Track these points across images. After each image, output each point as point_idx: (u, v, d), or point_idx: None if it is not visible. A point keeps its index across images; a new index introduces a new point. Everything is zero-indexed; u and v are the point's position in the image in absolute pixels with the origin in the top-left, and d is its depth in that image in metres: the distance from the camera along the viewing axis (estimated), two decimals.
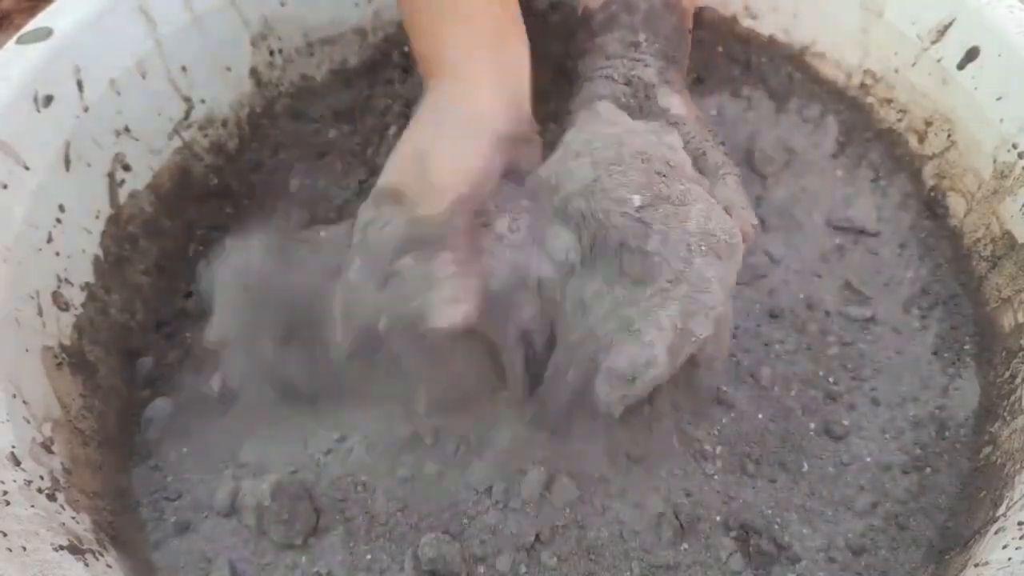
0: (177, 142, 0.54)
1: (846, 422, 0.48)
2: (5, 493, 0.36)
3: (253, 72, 0.58)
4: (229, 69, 0.56)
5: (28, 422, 0.40)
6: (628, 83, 0.47)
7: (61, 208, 0.46)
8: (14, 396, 0.40)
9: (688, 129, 0.46)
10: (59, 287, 0.46)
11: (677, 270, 0.38)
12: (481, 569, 0.42)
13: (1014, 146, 0.47)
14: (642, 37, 0.48)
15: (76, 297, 0.47)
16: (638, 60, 0.48)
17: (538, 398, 0.43)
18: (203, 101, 0.55)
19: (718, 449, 0.46)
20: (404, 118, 0.62)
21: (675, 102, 0.47)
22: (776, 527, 0.44)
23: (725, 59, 0.62)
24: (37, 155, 0.45)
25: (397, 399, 0.45)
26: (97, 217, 0.49)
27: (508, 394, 0.44)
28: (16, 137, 0.44)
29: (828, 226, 0.57)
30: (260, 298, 0.43)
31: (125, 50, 0.50)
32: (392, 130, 0.60)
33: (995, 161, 0.48)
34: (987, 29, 0.48)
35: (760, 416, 0.48)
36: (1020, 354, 0.46)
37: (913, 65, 0.53)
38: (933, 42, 0.52)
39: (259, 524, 0.44)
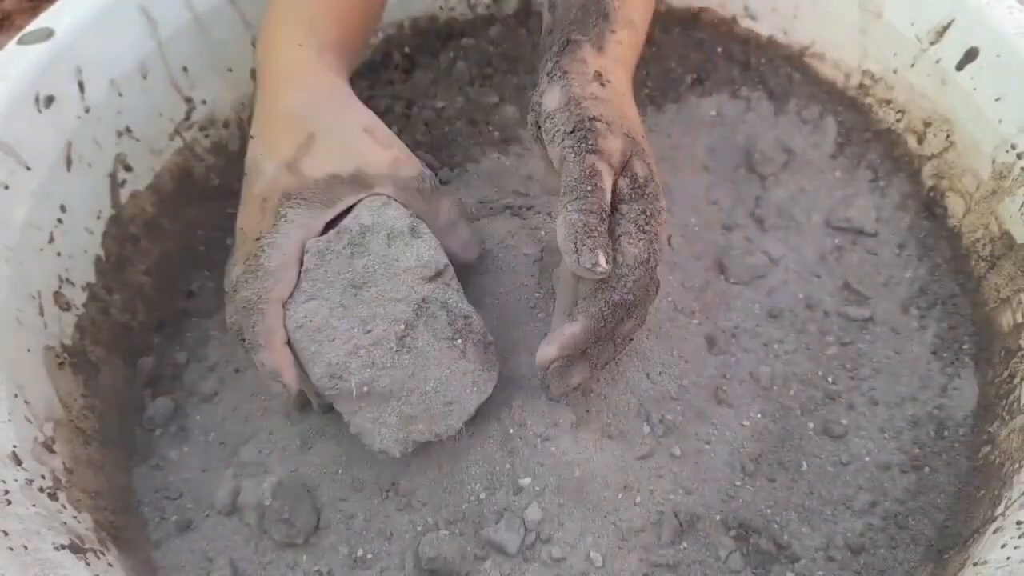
0: (178, 143, 0.55)
1: (845, 421, 0.48)
2: (7, 492, 0.36)
3: (254, 73, 0.58)
4: (230, 70, 0.56)
5: (30, 422, 0.40)
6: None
7: (62, 208, 0.46)
8: (16, 396, 0.40)
9: (552, 125, 0.40)
10: (61, 287, 0.46)
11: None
12: (481, 568, 0.42)
13: (1013, 147, 0.47)
14: (547, 40, 0.45)
15: (78, 297, 0.47)
16: (543, 62, 0.44)
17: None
18: (204, 102, 0.55)
19: (717, 448, 0.46)
20: (405, 118, 0.63)
21: (549, 98, 0.41)
22: (775, 526, 0.44)
23: (724, 60, 0.62)
24: (38, 156, 0.45)
25: None
26: (98, 217, 0.49)
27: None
28: (17, 138, 0.44)
29: (827, 226, 0.57)
30: None
31: (126, 51, 0.50)
32: (393, 130, 0.60)
33: (994, 162, 0.48)
34: (986, 30, 0.49)
35: (759, 415, 0.48)
36: (1019, 354, 0.46)
37: (912, 66, 0.54)
38: (932, 43, 0.52)
39: (260, 523, 0.44)
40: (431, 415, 0.42)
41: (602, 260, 0.37)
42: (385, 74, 0.63)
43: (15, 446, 0.38)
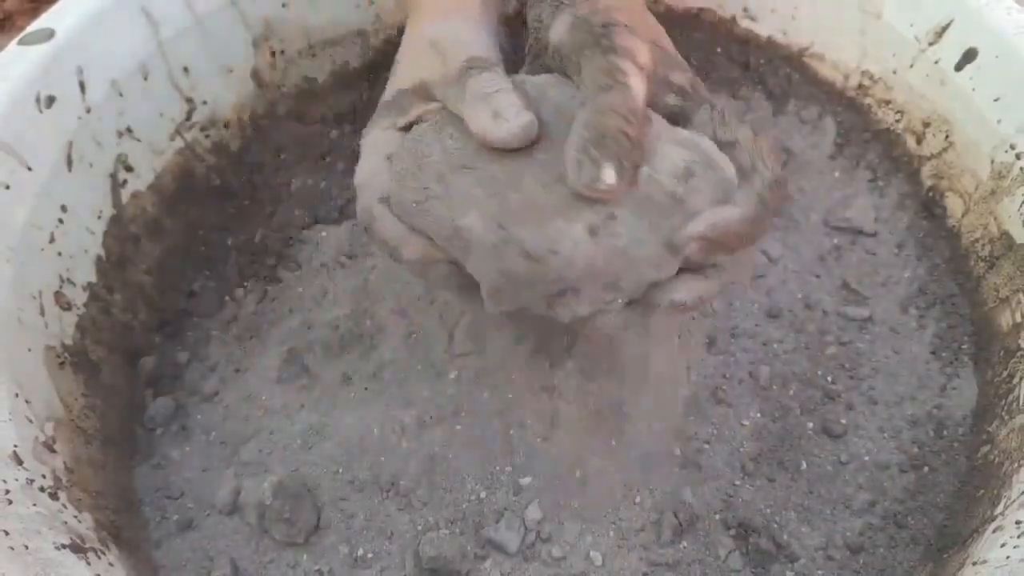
0: (179, 143, 0.55)
1: (844, 421, 0.48)
2: (7, 492, 0.36)
3: (255, 73, 0.58)
4: (231, 70, 0.56)
5: (30, 421, 0.40)
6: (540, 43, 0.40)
7: (63, 208, 0.46)
8: (16, 395, 0.40)
9: (563, 52, 0.37)
10: (61, 287, 0.46)
11: None
12: (482, 567, 0.43)
13: (1012, 147, 0.47)
14: None
15: (78, 297, 0.47)
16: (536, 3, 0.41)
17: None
18: (205, 102, 0.55)
19: (717, 448, 0.46)
20: None
21: (556, 29, 0.38)
22: (775, 526, 0.44)
23: (724, 60, 0.62)
24: (39, 156, 0.45)
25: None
26: (99, 217, 0.49)
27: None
28: (18, 138, 0.44)
29: (826, 226, 0.57)
30: None
31: (127, 51, 0.50)
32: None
33: (993, 162, 0.49)
34: (985, 30, 0.49)
35: (758, 415, 0.48)
36: (1018, 354, 0.46)
37: (911, 66, 0.54)
38: (931, 43, 0.52)
39: (261, 522, 0.44)
40: None
41: (607, 175, 0.31)
42: (385, 74, 0.63)
43: (16, 446, 0.38)
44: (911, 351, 0.51)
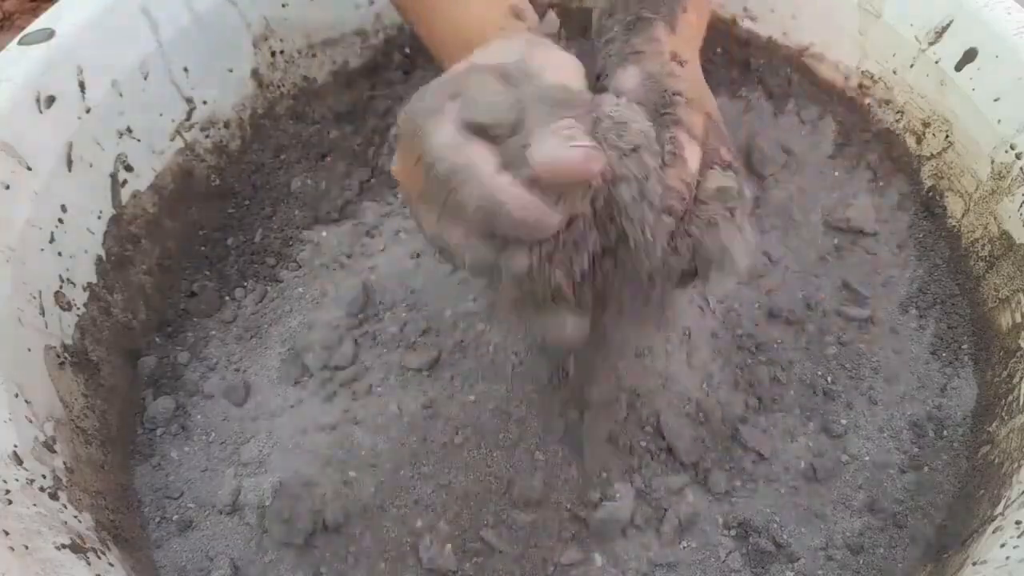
0: (179, 143, 0.55)
1: (844, 421, 0.48)
2: (7, 492, 0.36)
3: (255, 73, 0.58)
4: (231, 70, 0.57)
5: (30, 421, 0.40)
6: (597, 78, 0.40)
7: (63, 208, 0.46)
8: (16, 396, 0.40)
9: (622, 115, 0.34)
10: (61, 287, 0.46)
11: None
12: (481, 568, 0.43)
13: (1012, 147, 0.47)
14: (609, 21, 0.42)
15: (79, 297, 0.47)
16: (607, 42, 0.41)
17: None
18: (205, 102, 0.55)
19: (717, 448, 0.46)
20: None
21: (623, 78, 0.38)
22: (775, 526, 0.44)
23: (724, 60, 0.62)
24: (39, 156, 0.45)
25: None
26: (99, 217, 0.49)
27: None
28: (18, 138, 0.44)
29: (826, 226, 0.57)
30: None
31: (127, 51, 0.50)
32: (393, 131, 0.60)
33: (993, 162, 0.49)
34: (985, 30, 0.49)
35: (759, 415, 0.48)
36: (1018, 354, 0.46)
37: (911, 66, 0.54)
38: (931, 43, 0.52)
39: (261, 523, 0.44)
40: None
41: None
42: (385, 74, 0.63)
43: (16, 446, 0.38)
44: (911, 351, 0.51)
